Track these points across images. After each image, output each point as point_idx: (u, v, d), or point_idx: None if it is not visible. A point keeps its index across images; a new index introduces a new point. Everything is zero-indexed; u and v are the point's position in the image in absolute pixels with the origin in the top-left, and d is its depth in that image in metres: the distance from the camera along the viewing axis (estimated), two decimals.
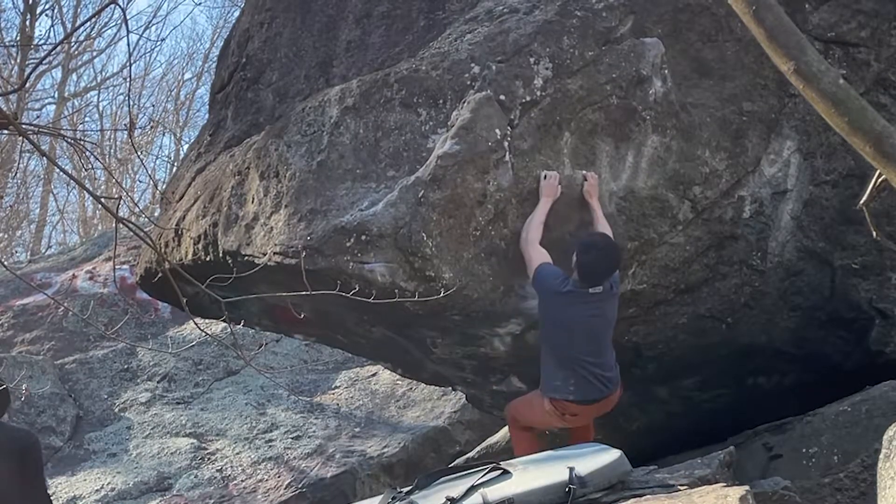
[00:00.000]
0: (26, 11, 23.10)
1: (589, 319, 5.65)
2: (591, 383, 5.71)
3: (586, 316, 5.63)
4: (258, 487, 9.48)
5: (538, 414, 5.96)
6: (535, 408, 5.95)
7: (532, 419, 6.15)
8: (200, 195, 6.69)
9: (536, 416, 6.02)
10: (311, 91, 6.45)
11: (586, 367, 5.68)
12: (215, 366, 12.07)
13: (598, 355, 5.74)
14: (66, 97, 25.10)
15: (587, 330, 5.67)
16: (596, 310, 5.66)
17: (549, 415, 5.86)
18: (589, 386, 5.72)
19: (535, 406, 5.94)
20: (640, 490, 4.84)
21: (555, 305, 5.60)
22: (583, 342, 5.67)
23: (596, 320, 5.68)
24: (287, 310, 5.91)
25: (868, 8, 6.38)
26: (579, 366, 5.67)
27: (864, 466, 5.58)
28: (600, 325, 5.72)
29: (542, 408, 5.86)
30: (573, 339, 5.66)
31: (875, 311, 6.50)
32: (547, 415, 5.88)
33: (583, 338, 5.67)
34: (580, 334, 5.66)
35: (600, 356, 5.76)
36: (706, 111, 6.13)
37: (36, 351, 12.43)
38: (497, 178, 5.57)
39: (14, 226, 24.29)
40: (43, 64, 21.58)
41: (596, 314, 5.67)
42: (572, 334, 5.65)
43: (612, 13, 5.99)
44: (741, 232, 6.28)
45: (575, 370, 5.68)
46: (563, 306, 5.59)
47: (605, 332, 5.76)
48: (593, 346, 5.71)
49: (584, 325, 5.65)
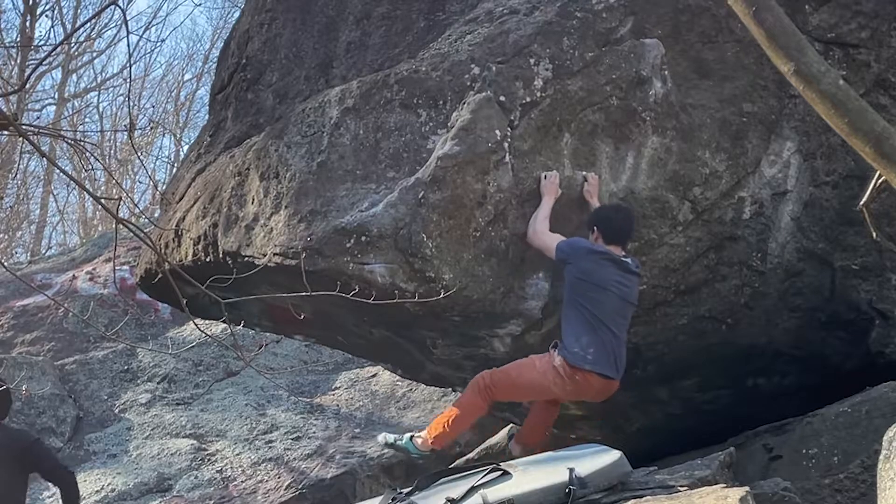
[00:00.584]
0: (26, 12, 23.11)
1: (620, 284, 5.63)
2: (608, 359, 5.63)
3: (617, 280, 5.62)
4: (258, 488, 9.48)
5: (541, 375, 5.72)
6: (539, 367, 5.72)
7: (530, 380, 5.82)
8: (200, 196, 6.70)
9: (536, 376, 5.75)
10: (311, 92, 6.45)
11: (609, 338, 5.62)
12: (215, 367, 12.07)
13: (620, 329, 5.69)
14: (66, 98, 25.11)
15: (617, 295, 5.63)
16: (624, 278, 5.66)
17: (557, 374, 5.64)
18: (605, 360, 5.62)
19: (539, 366, 5.73)
20: (640, 491, 4.84)
21: (588, 265, 5.57)
22: (612, 308, 5.61)
23: (625, 290, 5.66)
24: (287, 311, 5.91)
25: (868, 9, 6.38)
26: (603, 333, 5.59)
27: (864, 467, 5.57)
28: (628, 295, 5.70)
29: (548, 365, 5.66)
30: (604, 301, 5.59)
31: (875, 311, 6.50)
32: (551, 373, 5.66)
33: (613, 303, 5.61)
34: (611, 298, 5.61)
35: (620, 332, 5.71)
36: (706, 112, 6.13)
37: (36, 352, 12.43)
38: (497, 179, 5.58)
39: (14, 227, 24.29)
40: (43, 65, 21.60)
41: (624, 283, 5.66)
42: (605, 294, 5.59)
43: (612, 14, 5.99)
44: (741, 233, 6.28)
45: (598, 337, 5.58)
46: (595, 265, 5.57)
47: (629, 306, 5.74)
48: (619, 318, 5.67)
49: (616, 289, 5.61)
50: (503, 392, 5.88)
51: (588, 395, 5.90)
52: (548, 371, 5.67)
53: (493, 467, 5.10)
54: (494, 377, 5.80)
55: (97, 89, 26.54)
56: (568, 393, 5.83)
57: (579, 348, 5.58)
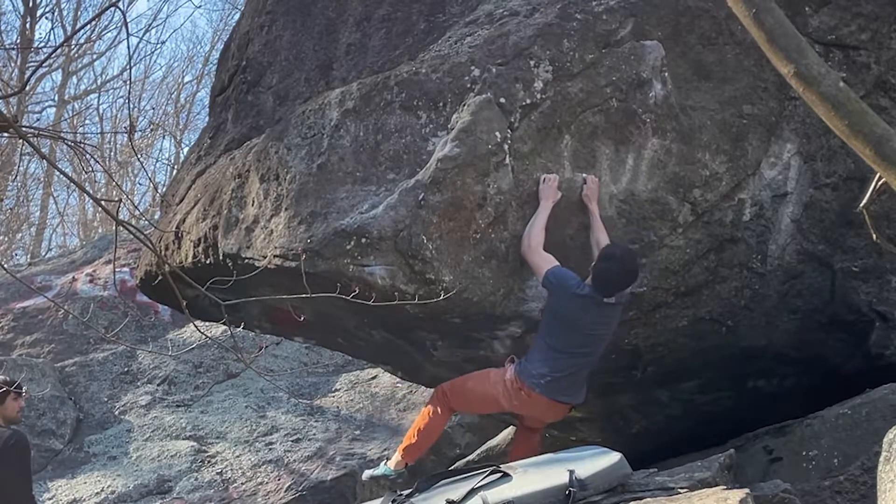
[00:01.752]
0: (26, 14, 23.13)
1: (595, 326, 5.71)
2: (562, 387, 5.76)
3: (593, 323, 5.69)
4: (258, 490, 9.49)
5: (491, 385, 5.86)
6: (492, 379, 5.87)
7: (482, 391, 5.94)
8: (200, 198, 6.70)
9: (488, 387, 5.88)
10: (311, 94, 6.45)
11: (569, 368, 5.72)
12: (215, 369, 12.08)
13: (589, 355, 5.79)
14: (66, 100, 25.13)
15: (589, 335, 5.72)
16: (604, 318, 5.71)
17: (505, 387, 5.78)
18: (558, 389, 5.75)
19: (493, 378, 5.87)
20: (640, 493, 4.85)
21: (567, 307, 5.61)
22: (578, 345, 5.71)
23: (600, 328, 5.74)
24: (287, 312, 5.91)
25: (868, 11, 6.38)
26: (565, 364, 5.70)
27: (864, 469, 5.57)
28: (603, 333, 5.78)
29: (502, 379, 5.79)
30: (571, 340, 5.69)
31: (875, 313, 6.50)
32: (500, 385, 5.80)
33: (581, 341, 5.71)
34: (580, 337, 5.70)
35: (587, 363, 5.82)
36: (706, 114, 6.13)
37: (36, 354, 12.44)
38: (497, 181, 5.58)
39: (14, 229, 24.30)
40: (43, 67, 21.65)
41: (602, 323, 5.72)
42: (572, 335, 5.69)
43: (612, 16, 5.99)
44: (741, 235, 6.28)
45: (559, 366, 5.68)
46: (576, 309, 5.61)
47: (602, 341, 5.82)
48: (586, 351, 5.76)
49: (588, 330, 5.70)
50: (458, 401, 6.08)
51: (536, 413, 6.02)
52: (498, 383, 5.84)
53: (493, 469, 5.10)
54: (452, 386, 6.03)
55: (97, 91, 26.62)
56: (514, 407, 5.94)
57: (535, 372, 5.71)
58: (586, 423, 7.58)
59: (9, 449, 6.03)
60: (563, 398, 5.83)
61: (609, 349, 6.26)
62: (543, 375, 5.68)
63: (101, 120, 26.41)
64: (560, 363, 5.70)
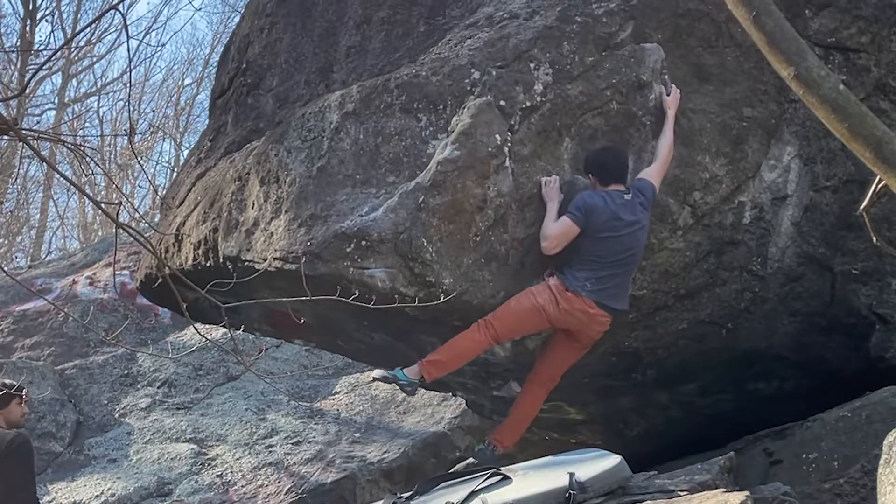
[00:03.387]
0: (26, 17, 23.11)
1: (629, 226, 5.65)
2: (607, 290, 5.67)
3: (627, 223, 5.64)
4: (258, 493, 9.49)
5: (536, 295, 5.69)
6: (535, 289, 5.71)
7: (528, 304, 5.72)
8: (201, 200, 6.70)
9: (532, 299, 5.70)
10: (311, 96, 6.45)
11: (613, 271, 5.67)
12: (215, 371, 12.07)
13: (629, 264, 5.73)
14: (66, 103, 25.12)
15: (626, 237, 5.65)
16: (632, 215, 5.66)
17: (551, 293, 5.64)
18: (605, 293, 5.67)
19: (536, 289, 5.72)
20: (640, 495, 4.85)
21: (599, 218, 5.59)
22: (619, 250, 5.65)
23: (635, 228, 5.69)
24: (287, 315, 5.91)
25: (868, 13, 6.38)
26: (607, 271, 5.65)
27: (865, 472, 5.57)
28: (639, 234, 5.72)
29: (547, 287, 5.67)
30: (612, 246, 5.64)
31: (875, 316, 6.50)
32: (546, 293, 5.66)
33: (621, 245, 5.65)
34: (619, 243, 5.64)
35: (628, 269, 5.76)
36: (706, 117, 6.13)
37: (36, 356, 12.42)
38: (497, 184, 5.58)
39: (14, 231, 24.30)
40: (43, 69, 21.59)
41: (633, 221, 5.67)
42: (612, 241, 5.63)
43: (612, 19, 5.99)
44: (741, 237, 6.28)
45: (601, 273, 5.64)
46: (607, 215, 5.59)
47: (640, 244, 5.75)
48: (628, 255, 5.70)
49: (626, 231, 5.64)
50: (502, 324, 5.73)
51: (581, 321, 5.80)
52: (543, 291, 5.68)
53: (493, 472, 5.10)
54: (494, 313, 5.74)
55: (97, 94, 26.61)
56: (560, 314, 5.70)
57: (580, 276, 5.64)
58: (586, 425, 7.58)
59: (13, 451, 6.03)
60: (609, 303, 5.69)
61: (609, 351, 6.26)
62: (588, 279, 5.61)
63: (101, 123, 26.42)
64: (604, 269, 5.63)
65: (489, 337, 5.72)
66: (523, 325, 5.84)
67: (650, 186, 5.79)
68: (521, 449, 7.74)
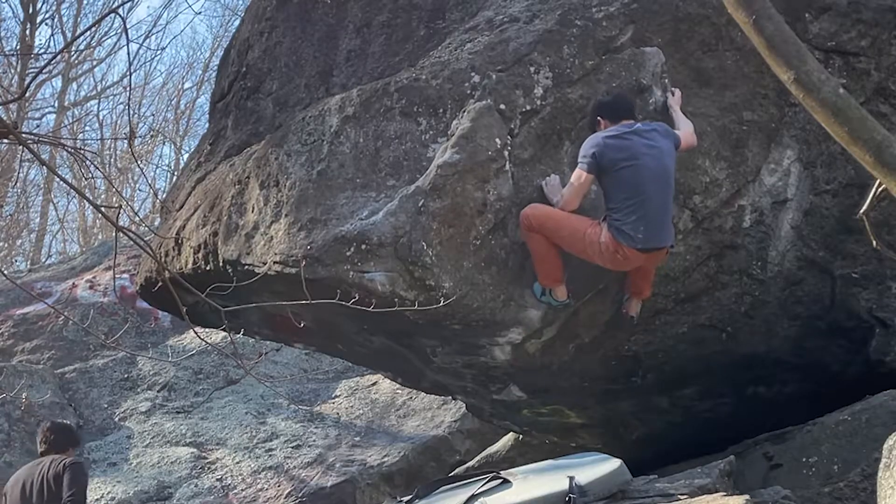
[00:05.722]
0: (26, 21, 23.14)
1: (655, 157, 5.51)
2: (657, 231, 5.49)
3: (653, 154, 5.50)
4: (258, 497, 9.48)
5: (585, 245, 5.57)
6: (586, 239, 5.55)
7: (571, 245, 5.64)
8: (200, 204, 6.70)
9: (579, 245, 5.59)
10: (311, 100, 6.45)
11: (655, 207, 5.48)
12: (215, 375, 12.08)
13: (665, 193, 5.57)
14: (66, 106, 25.13)
15: (656, 167, 5.50)
16: (654, 141, 5.54)
17: (601, 250, 5.50)
18: (655, 234, 5.48)
19: (587, 238, 5.55)
20: (639, 499, 4.85)
21: (623, 156, 5.44)
22: (653, 178, 5.48)
23: (663, 155, 5.54)
24: (287, 319, 5.91)
25: (868, 17, 6.39)
26: (650, 204, 5.45)
27: (864, 476, 5.58)
28: (667, 161, 5.57)
29: (597, 241, 5.51)
30: (641, 171, 5.45)
31: (875, 320, 6.50)
32: (595, 245, 5.52)
33: (653, 174, 5.48)
34: (651, 172, 5.47)
35: (667, 196, 5.59)
36: (706, 120, 6.14)
37: (36, 360, 12.43)
38: (497, 188, 5.58)
39: (14, 235, 24.28)
40: (43, 73, 21.64)
41: (656, 147, 5.53)
42: (644, 174, 5.45)
43: (612, 22, 6.00)
44: (741, 241, 6.28)
45: (645, 210, 5.43)
46: (628, 150, 5.46)
47: (670, 171, 5.60)
48: (663, 183, 5.54)
49: (653, 162, 5.49)
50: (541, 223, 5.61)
51: (631, 267, 5.73)
52: (594, 242, 5.52)
53: (493, 475, 5.10)
54: (536, 212, 5.61)
55: (97, 97, 26.58)
56: (606, 263, 5.61)
57: (629, 228, 5.42)
58: (586, 429, 7.57)
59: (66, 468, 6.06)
60: (659, 243, 5.53)
61: (609, 355, 6.26)
62: (637, 226, 5.40)
63: (101, 126, 26.41)
64: (646, 205, 5.41)
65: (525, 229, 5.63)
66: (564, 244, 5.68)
67: (674, 133, 5.71)
68: (521, 453, 7.75)
